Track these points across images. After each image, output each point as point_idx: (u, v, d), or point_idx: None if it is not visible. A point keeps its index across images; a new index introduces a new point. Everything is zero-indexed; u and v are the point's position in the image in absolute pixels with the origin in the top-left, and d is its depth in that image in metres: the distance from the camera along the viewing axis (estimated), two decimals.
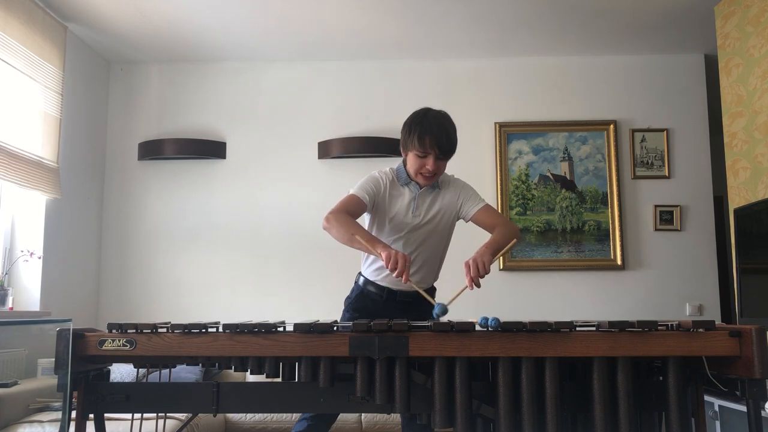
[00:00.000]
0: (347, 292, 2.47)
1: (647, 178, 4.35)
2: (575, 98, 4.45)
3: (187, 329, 1.84)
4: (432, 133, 2.20)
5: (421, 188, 2.33)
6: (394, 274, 1.96)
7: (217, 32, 4.08)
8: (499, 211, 4.31)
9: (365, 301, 2.36)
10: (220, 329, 1.85)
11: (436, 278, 2.46)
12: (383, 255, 1.97)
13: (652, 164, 4.36)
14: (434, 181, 2.31)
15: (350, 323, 1.83)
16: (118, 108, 4.53)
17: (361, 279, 2.40)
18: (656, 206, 4.31)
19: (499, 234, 2.20)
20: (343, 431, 3.58)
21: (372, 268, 2.35)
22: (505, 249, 2.15)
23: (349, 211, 2.18)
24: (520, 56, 4.48)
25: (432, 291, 2.43)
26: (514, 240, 2.17)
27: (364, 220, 2.36)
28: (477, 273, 2.05)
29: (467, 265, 2.06)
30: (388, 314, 2.27)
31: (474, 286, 2.06)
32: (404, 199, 2.32)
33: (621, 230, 4.27)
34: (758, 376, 1.63)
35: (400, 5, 3.73)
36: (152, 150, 4.39)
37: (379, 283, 2.34)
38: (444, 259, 2.45)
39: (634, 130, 4.39)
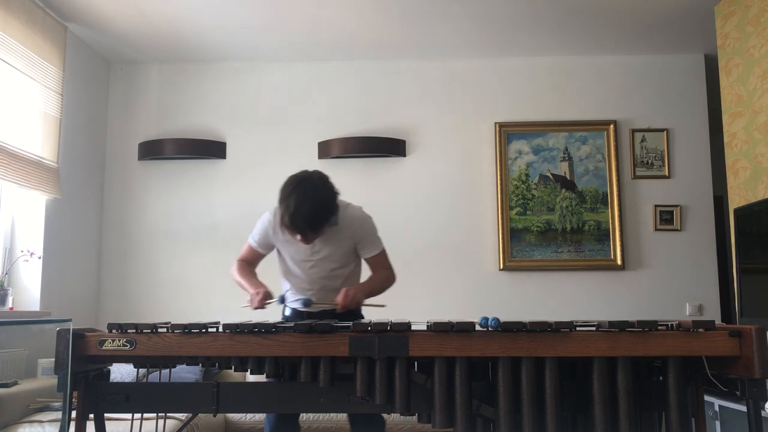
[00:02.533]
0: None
1: (647, 178, 4.35)
2: (575, 98, 4.45)
3: (187, 329, 1.84)
4: (290, 216, 2.18)
5: None
6: (252, 307, 2.33)
7: (217, 32, 4.08)
8: (499, 210, 4.32)
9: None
10: (220, 329, 1.85)
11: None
12: (250, 293, 2.38)
13: (652, 164, 4.36)
14: (310, 243, 2.34)
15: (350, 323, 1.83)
16: (118, 108, 4.53)
17: (287, 310, 2.58)
18: (656, 206, 4.31)
19: (377, 280, 2.47)
20: (343, 431, 3.58)
21: (288, 297, 2.54)
22: (377, 293, 2.46)
23: (247, 259, 2.55)
24: (520, 56, 4.48)
25: (357, 310, 2.52)
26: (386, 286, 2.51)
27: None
28: (347, 303, 2.29)
29: (346, 293, 2.30)
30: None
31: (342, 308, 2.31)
32: None
33: (621, 230, 4.27)
34: (758, 376, 1.63)
35: (400, 5, 3.73)
36: (152, 150, 4.39)
37: (296, 308, 2.52)
38: (357, 273, 2.57)
39: (634, 130, 4.39)
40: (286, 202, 2.19)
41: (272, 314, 2.54)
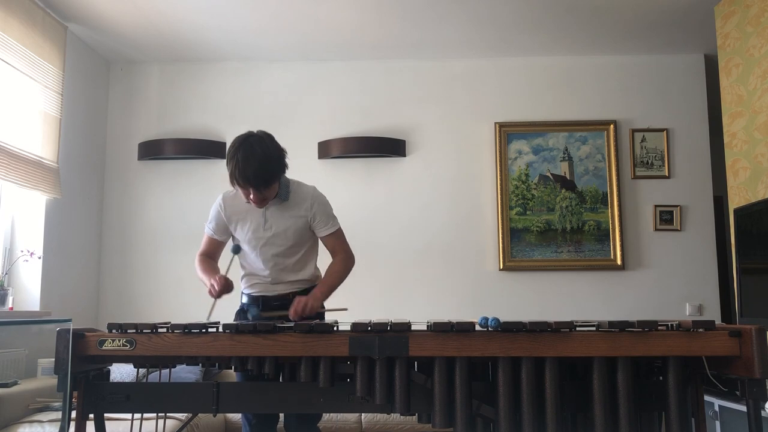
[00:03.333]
0: (346, 291, 2.50)
1: (647, 178, 4.35)
2: (575, 98, 4.45)
3: (187, 329, 1.84)
4: (240, 171, 2.20)
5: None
6: (213, 296, 2.30)
7: (217, 32, 4.08)
8: (499, 210, 4.31)
9: (245, 316, 2.46)
10: (220, 329, 1.85)
11: (312, 275, 2.49)
12: (207, 285, 2.35)
13: (652, 164, 4.36)
14: (265, 204, 2.35)
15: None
16: (118, 108, 4.53)
17: (243, 297, 2.54)
18: (656, 206, 4.31)
19: (333, 276, 2.41)
20: (343, 431, 3.58)
21: (244, 283, 2.51)
22: (336, 288, 2.42)
23: (206, 251, 2.53)
24: (520, 56, 4.48)
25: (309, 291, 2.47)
26: (345, 276, 2.46)
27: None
28: (300, 311, 2.25)
29: (299, 301, 2.27)
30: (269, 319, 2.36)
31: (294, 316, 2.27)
32: (255, 214, 2.40)
33: (621, 230, 4.27)
34: (758, 376, 1.63)
35: (400, 5, 3.73)
36: (152, 150, 4.39)
37: (253, 294, 2.47)
38: (314, 257, 2.52)
39: (634, 130, 4.39)
40: (234, 159, 2.22)
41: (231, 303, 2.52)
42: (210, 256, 2.53)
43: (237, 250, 2.42)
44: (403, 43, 4.24)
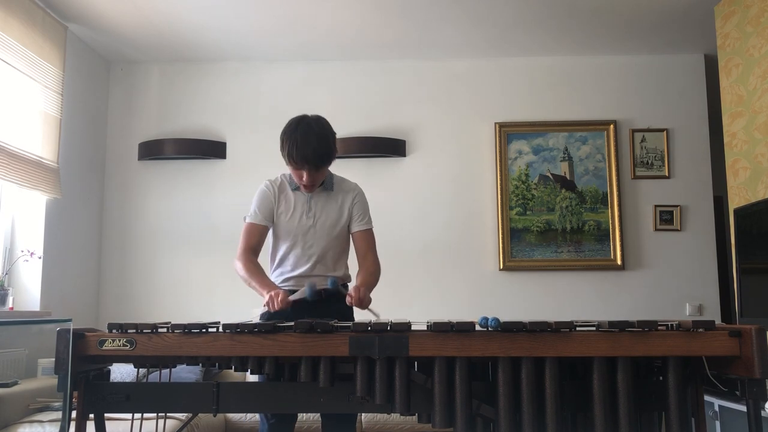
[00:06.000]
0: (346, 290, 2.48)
1: (647, 178, 4.35)
2: (575, 98, 4.45)
3: (187, 329, 1.84)
4: (298, 148, 2.23)
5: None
6: (270, 309, 2.16)
7: (217, 32, 4.08)
8: (499, 210, 4.31)
9: (275, 312, 2.38)
10: (220, 329, 1.85)
11: (344, 274, 2.47)
12: (266, 297, 2.19)
13: (652, 164, 4.36)
14: (314, 189, 2.36)
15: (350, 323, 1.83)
16: (118, 108, 4.53)
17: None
18: (656, 206, 4.31)
19: (373, 276, 2.40)
20: None
21: (275, 275, 2.45)
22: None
23: (251, 246, 2.37)
24: (520, 56, 4.48)
25: (344, 287, 2.44)
26: (378, 278, 2.45)
27: None
28: (360, 298, 2.21)
29: (356, 289, 2.22)
30: (301, 316, 2.28)
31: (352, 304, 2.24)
32: (298, 202, 2.39)
33: (621, 230, 4.27)
34: (758, 376, 1.63)
35: (399, 5, 3.73)
36: (152, 150, 4.39)
37: (285, 287, 2.39)
38: (346, 256, 2.49)
39: (634, 130, 4.39)
40: (293, 137, 2.23)
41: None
42: (254, 252, 2.38)
43: (311, 293, 2.18)
44: (403, 43, 4.24)
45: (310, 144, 2.22)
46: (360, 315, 2.29)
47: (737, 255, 3.22)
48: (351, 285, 2.43)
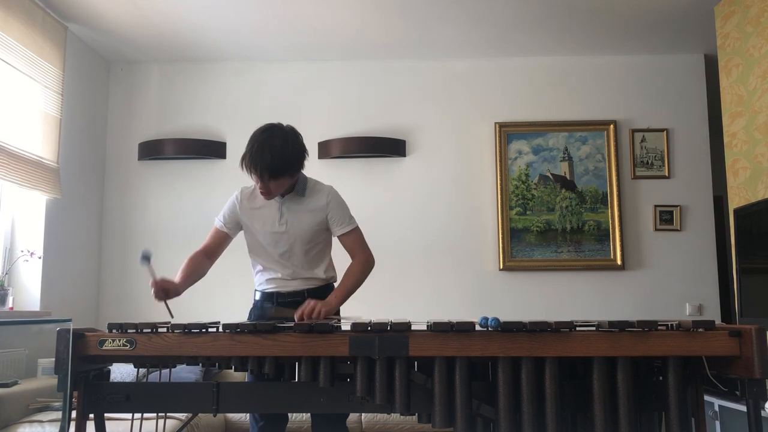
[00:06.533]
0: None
1: (647, 178, 4.35)
2: (575, 98, 4.45)
3: (187, 329, 1.84)
4: (252, 157, 2.24)
5: (283, 197, 2.38)
6: (155, 297, 2.23)
7: (217, 32, 4.08)
8: (499, 210, 4.31)
9: (261, 311, 2.44)
10: (220, 329, 1.85)
11: (327, 274, 2.47)
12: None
13: (652, 164, 4.36)
14: (273, 197, 2.34)
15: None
16: (118, 108, 4.53)
17: (257, 294, 2.51)
18: (656, 206, 4.31)
19: (350, 279, 2.34)
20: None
21: (257, 280, 2.49)
22: (354, 291, 2.35)
23: (207, 246, 2.48)
24: (520, 56, 4.48)
25: (329, 287, 2.45)
26: (364, 277, 2.39)
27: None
28: (308, 316, 2.15)
29: (308, 304, 2.18)
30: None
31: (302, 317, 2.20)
32: (271, 210, 2.39)
33: (621, 230, 4.27)
34: (758, 376, 1.63)
35: (399, 5, 3.73)
36: (152, 150, 4.39)
37: (267, 290, 2.44)
38: (328, 255, 2.50)
39: (634, 130, 4.39)
40: (251, 143, 2.26)
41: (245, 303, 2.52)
42: (208, 254, 2.48)
43: (147, 258, 2.26)
44: (403, 43, 4.24)
45: (264, 156, 2.21)
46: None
47: (737, 255, 3.22)
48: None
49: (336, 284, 2.42)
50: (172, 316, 2.25)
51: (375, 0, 3.66)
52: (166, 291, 2.28)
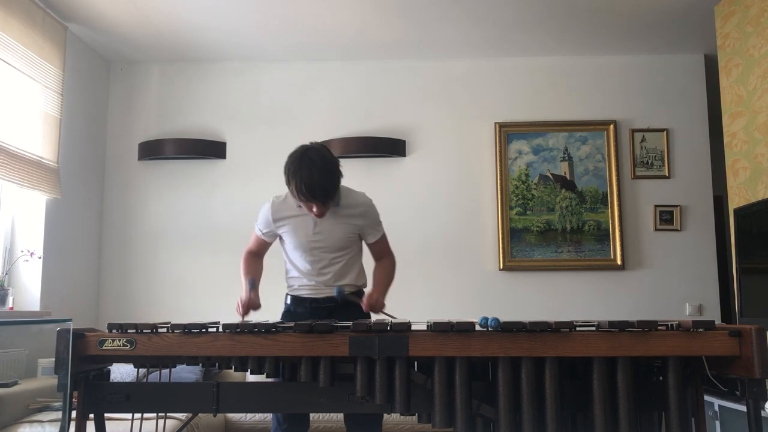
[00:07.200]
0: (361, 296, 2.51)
1: (647, 178, 4.35)
2: (575, 98, 4.45)
3: (187, 329, 1.84)
4: (306, 186, 2.22)
5: None
6: (239, 315, 2.35)
7: (217, 32, 4.08)
8: (499, 210, 4.31)
9: (293, 316, 2.44)
10: (220, 329, 1.85)
11: (359, 281, 2.51)
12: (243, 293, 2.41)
13: (652, 164, 4.36)
14: (325, 214, 2.36)
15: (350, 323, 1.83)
16: (118, 108, 4.53)
17: (288, 298, 2.52)
18: (656, 206, 4.31)
19: (387, 277, 2.52)
20: (344, 431, 3.57)
21: (290, 284, 2.51)
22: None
23: (254, 249, 2.59)
24: (519, 56, 4.48)
25: (360, 293, 2.49)
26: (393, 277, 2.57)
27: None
28: (370, 307, 2.34)
29: (369, 295, 2.36)
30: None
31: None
32: (304, 219, 2.40)
33: (621, 230, 4.27)
34: (758, 376, 1.63)
35: (399, 5, 3.73)
36: (152, 150, 4.39)
37: (301, 296, 2.46)
38: (359, 261, 2.54)
39: (634, 130, 4.39)
40: (299, 174, 2.22)
41: (270, 310, 2.54)
42: (257, 255, 2.59)
43: (339, 294, 2.37)
44: (403, 43, 4.24)
45: (316, 180, 2.21)
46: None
47: (737, 255, 3.22)
48: (367, 289, 2.47)
49: (366, 290, 2.47)
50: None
51: (375, 0, 3.67)
52: (255, 308, 2.39)
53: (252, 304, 2.37)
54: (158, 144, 4.38)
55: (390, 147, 4.36)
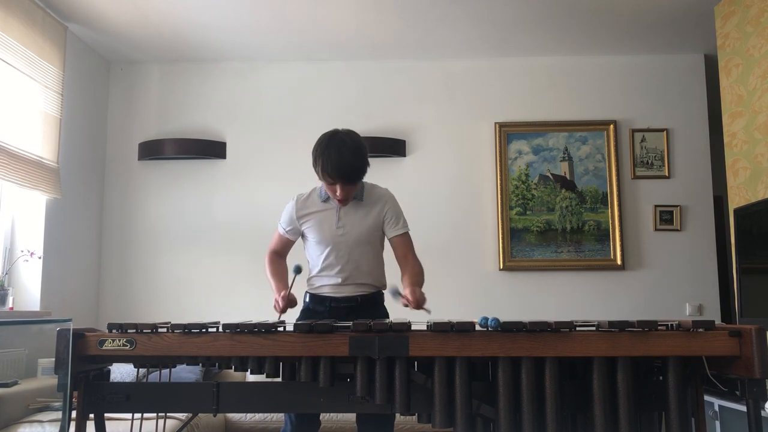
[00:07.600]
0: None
1: (647, 178, 4.35)
2: (575, 98, 4.45)
3: (187, 329, 1.84)
4: (333, 164, 2.23)
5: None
6: (278, 311, 2.31)
7: (217, 32, 4.08)
8: (499, 210, 4.31)
9: (312, 314, 2.43)
10: (220, 329, 1.85)
11: (379, 280, 2.49)
12: (275, 294, 2.36)
13: (652, 164, 4.36)
14: (348, 202, 2.37)
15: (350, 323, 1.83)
16: (118, 108, 4.53)
17: (307, 296, 2.50)
18: (656, 206, 4.31)
19: (419, 275, 2.44)
20: (344, 431, 3.58)
21: (310, 282, 2.48)
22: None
23: (277, 249, 2.54)
24: (520, 56, 4.48)
25: (379, 294, 2.49)
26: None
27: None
28: (416, 302, 2.26)
29: (412, 291, 2.28)
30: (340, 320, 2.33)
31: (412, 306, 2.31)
32: (328, 214, 2.40)
33: (621, 230, 4.27)
34: (758, 376, 1.63)
35: (400, 5, 3.73)
36: (152, 150, 4.39)
37: (322, 294, 2.43)
38: (381, 261, 2.52)
39: (634, 130, 4.39)
40: (326, 152, 2.24)
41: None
42: (280, 254, 2.55)
43: (299, 270, 2.32)
44: (403, 43, 4.24)
45: (345, 159, 2.22)
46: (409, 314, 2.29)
47: (737, 255, 3.22)
48: (387, 288, 2.45)
49: (385, 291, 2.47)
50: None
51: (375, 0, 3.67)
52: (291, 304, 2.35)
53: (291, 300, 2.33)
54: (158, 144, 4.38)
55: (390, 147, 4.36)
